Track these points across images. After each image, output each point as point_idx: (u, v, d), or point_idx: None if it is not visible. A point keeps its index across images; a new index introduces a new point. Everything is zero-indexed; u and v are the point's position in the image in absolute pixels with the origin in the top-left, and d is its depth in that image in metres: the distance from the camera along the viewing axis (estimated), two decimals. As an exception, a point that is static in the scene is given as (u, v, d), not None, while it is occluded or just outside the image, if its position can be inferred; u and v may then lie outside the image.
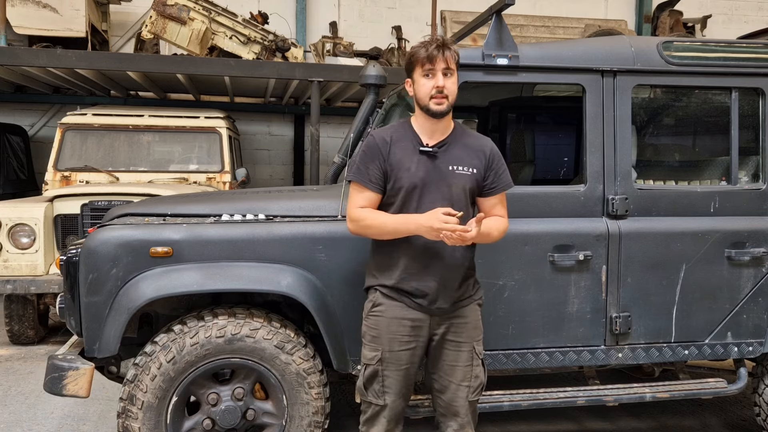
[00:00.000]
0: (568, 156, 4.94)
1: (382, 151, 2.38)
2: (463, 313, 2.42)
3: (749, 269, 3.11)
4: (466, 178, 2.37)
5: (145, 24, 7.21)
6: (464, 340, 2.42)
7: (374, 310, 2.42)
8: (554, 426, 3.85)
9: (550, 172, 4.95)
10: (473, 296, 2.46)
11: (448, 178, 2.35)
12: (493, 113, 4.80)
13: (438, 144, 2.38)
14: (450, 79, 2.32)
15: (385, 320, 2.39)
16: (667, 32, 9.81)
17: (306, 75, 6.74)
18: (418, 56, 2.31)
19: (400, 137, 2.41)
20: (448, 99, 2.32)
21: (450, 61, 2.31)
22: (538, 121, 4.97)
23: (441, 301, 2.37)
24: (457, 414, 2.43)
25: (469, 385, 2.42)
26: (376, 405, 2.42)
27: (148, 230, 2.73)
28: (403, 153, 2.36)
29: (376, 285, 2.44)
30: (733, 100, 3.11)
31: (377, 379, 2.40)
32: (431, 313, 2.39)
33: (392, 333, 2.38)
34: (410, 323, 2.38)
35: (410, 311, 2.38)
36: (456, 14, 9.50)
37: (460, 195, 2.36)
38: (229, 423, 2.73)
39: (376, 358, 2.39)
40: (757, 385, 3.32)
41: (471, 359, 2.42)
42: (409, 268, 2.36)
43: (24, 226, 4.99)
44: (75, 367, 2.68)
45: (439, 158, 2.37)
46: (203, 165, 6.23)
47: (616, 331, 2.99)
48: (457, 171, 2.36)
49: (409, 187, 2.34)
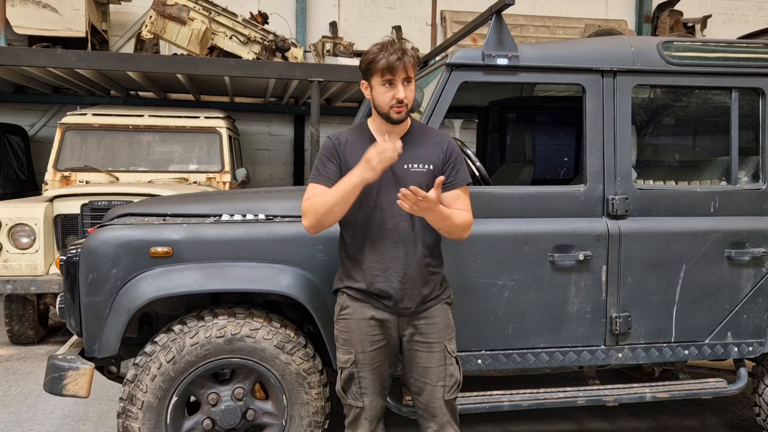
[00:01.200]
0: (568, 156, 4.94)
1: (338, 152, 2.39)
2: (432, 313, 2.42)
3: (749, 269, 3.11)
4: (422, 176, 2.36)
5: (145, 24, 7.21)
6: (435, 340, 2.41)
7: (342, 313, 2.43)
8: (554, 426, 3.85)
9: (550, 172, 4.96)
10: (440, 296, 2.45)
11: (404, 177, 2.34)
12: (493, 113, 4.81)
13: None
14: (410, 87, 2.31)
15: (355, 322, 2.39)
16: (667, 32, 9.81)
17: (306, 75, 6.74)
18: (377, 65, 2.27)
19: (356, 139, 2.42)
20: (407, 106, 2.32)
21: (409, 69, 2.28)
22: (538, 121, 4.98)
23: (406, 302, 2.37)
24: (435, 415, 2.43)
25: (444, 384, 2.41)
26: (356, 407, 2.44)
27: (148, 230, 2.73)
28: (358, 154, 2.33)
29: (342, 288, 2.45)
30: (733, 100, 3.11)
31: (354, 381, 2.42)
32: (398, 314, 2.39)
33: (363, 334, 2.38)
34: (377, 323, 2.39)
35: (377, 311, 2.38)
36: (456, 14, 9.50)
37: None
38: (229, 423, 2.73)
39: (350, 360, 2.40)
40: (757, 385, 3.32)
41: (444, 359, 2.41)
42: (373, 269, 2.36)
43: (24, 226, 4.99)
44: (75, 367, 2.68)
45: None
46: (203, 165, 6.23)
47: (616, 331, 2.99)
48: (413, 169, 2.36)
49: (365, 187, 2.31)
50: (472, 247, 2.84)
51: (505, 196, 2.93)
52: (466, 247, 2.82)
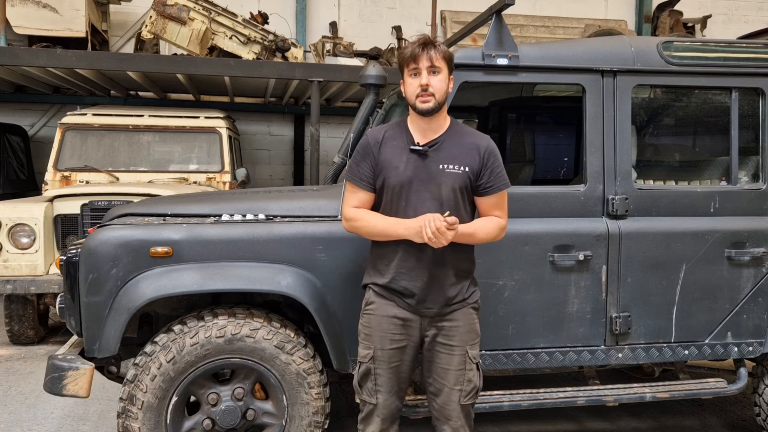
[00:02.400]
0: (568, 156, 4.94)
1: (373, 150, 2.40)
2: (456, 316, 2.40)
3: (749, 269, 3.11)
4: (455, 177, 2.34)
5: (145, 24, 7.21)
6: (456, 343, 2.39)
7: (367, 308, 2.44)
8: (554, 426, 3.85)
9: (550, 172, 4.95)
10: (467, 299, 2.42)
11: (438, 177, 2.34)
12: (493, 113, 4.80)
13: (430, 143, 2.37)
14: (436, 77, 2.30)
15: (377, 318, 2.40)
16: (667, 32, 9.81)
17: (306, 75, 6.74)
18: (404, 56, 2.32)
19: (393, 135, 2.41)
20: (435, 97, 2.30)
21: (435, 58, 2.29)
22: (538, 121, 4.97)
23: (429, 302, 2.36)
24: (449, 418, 2.42)
25: (462, 389, 2.40)
26: (370, 403, 2.44)
27: (148, 230, 2.73)
28: (392, 152, 2.37)
29: (370, 283, 2.46)
30: (733, 100, 3.11)
31: (370, 378, 2.42)
32: (420, 314, 2.38)
33: (383, 331, 2.39)
34: (400, 322, 2.39)
35: (400, 310, 2.38)
36: (456, 14, 9.50)
37: (449, 194, 2.34)
38: (229, 423, 2.73)
39: (369, 356, 2.41)
40: (757, 385, 3.32)
41: (464, 363, 2.40)
42: (400, 267, 2.36)
43: (24, 226, 4.99)
44: (75, 367, 2.69)
45: (430, 157, 2.35)
46: (203, 165, 6.23)
47: (616, 331, 2.99)
48: (447, 170, 2.34)
49: (396, 185, 2.34)
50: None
51: (505, 196, 2.92)
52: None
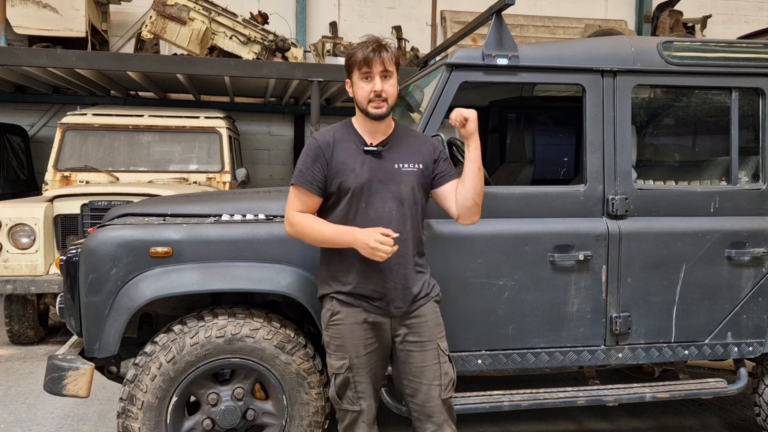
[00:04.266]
0: (568, 156, 4.93)
1: (325, 154, 2.36)
2: (422, 311, 2.41)
3: (749, 269, 3.11)
4: (413, 176, 2.37)
5: (145, 24, 7.21)
6: (427, 338, 2.40)
7: (333, 319, 2.40)
8: (554, 426, 3.85)
9: (550, 172, 4.95)
10: (429, 294, 2.44)
11: (396, 177, 2.35)
12: (493, 113, 4.80)
13: (381, 143, 2.39)
14: (389, 82, 2.30)
15: (347, 327, 2.37)
16: (667, 32, 9.81)
17: (306, 75, 6.74)
18: (355, 59, 2.29)
19: (342, 137, 2.40)
20: (388, 102, 2.31)
21: (388, 62, 2.28)
22: (538, 121, 4.97)
23: (398, 302, 2.37)
24: (431, 415, 2.40)
25: (440, 383, 2.40)
26: (353, 412, 2.40)
27: (148, 230, 2.73)
28: (347, 154, 2.35)
29: (331, 293, 2.42)
30: (733, 100, 3.11)
31: (350, 387, 2.39)
32: (390, 315, 2.38)
33: (356, 339, 2.37)
34: (371, 326, 2.38)
35: (369, 314, 2.37)
36: (456, 14, 9.50)
37: (409, 193, 2.36)
38: (229, 423, 2.73)
39: (345, 366, 2.37)
40: (757, 385, 3.32)
41: (437, 357, 2.40)
42: (365, 271, 2.35)
43: (24, 226, 4.99)
44: (75, 367, 2.68)
45: (385, 157, 2.36)
46: (203, 165, 6.23)
47: (616, 331, 2.99)
48: (404, 168, 2.36)
49: (356, 188, 2.33)
50: (471, 247, 2.84)
51: (505, 196, 2.92)
52: (466, 246, 2.82)
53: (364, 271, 2.35)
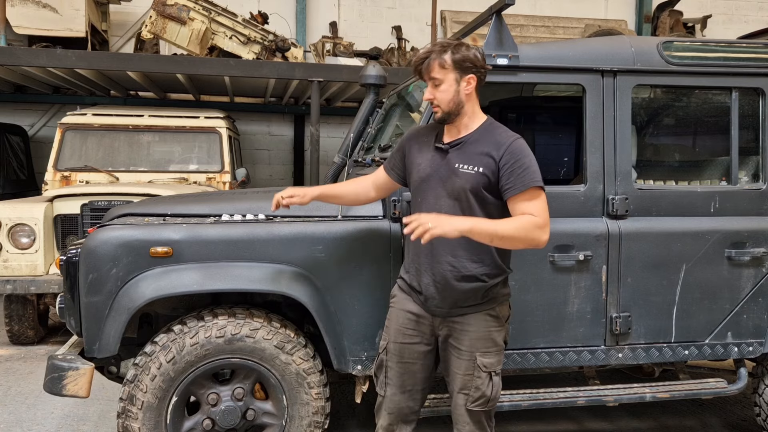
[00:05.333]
0: (568, 156, 4.93)
1: (405, 146, 2.53)
2: (467, 320, 2.36)
3: (749, 269, 3.11)
4: (468, 178, 2.32)
5: (145, 24, 7.21)
6: (465, 348, 2.36)
7: (391, 301, 2.53)
8: (554, 426, 3.85)
9: (550, 172, 4.95)
10: (482, 304, 2.35)
11: (452, 176, 2.35)
12: (493, 113, 4.80)
13: (453, 142, 2.39)
14: (439, 89, 2.33)
15: (395, 311, 2.48)
16: (667, 32, 9.81)
17: (306, 75, 6.74)
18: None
19: (426, 133, 2.51)
20: (441, 107, 2.34)
21: (434, 70, 2.31)
22: (538, 121, 4.97)
23: (437, 301, 2.36)
24: (457, 421, 2.42)
25: (468, 394, 2.36)
26: (380, 395, 2.51)
27: (148, 230, 2.73)
28: (419, 149, 2.47)
29: (399, 275, 2.55)
30: (733, 100, 3.11)
31: (382, 369, 2.49)
32: (431, 312, 2.40)
33: (399, 324, 2.45)
34: (414, 317, 2.43)
35: (414, 305, 2.44)
36: (456, 14, 9.50)
37: (460, 195, 2.33)
38: (229, 423, 2.73)
39: (384, 347, 2.49)
40: (757, 385, 3.32)
41: (472, 369, 2.34)
42: (414, 264, 2.43)
43: (24, 226, 4.98)
44: (75, 367, 2.68)
45: (450, 155, 2.38)
46: (203, 165, 6.23)
47: (616, 331, 2.99)
48: (461, 170, 2.34)
49: (416, 182, 2.44)
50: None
51: (505, 196, 2.92)
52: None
53: (414, 263, 2.43)
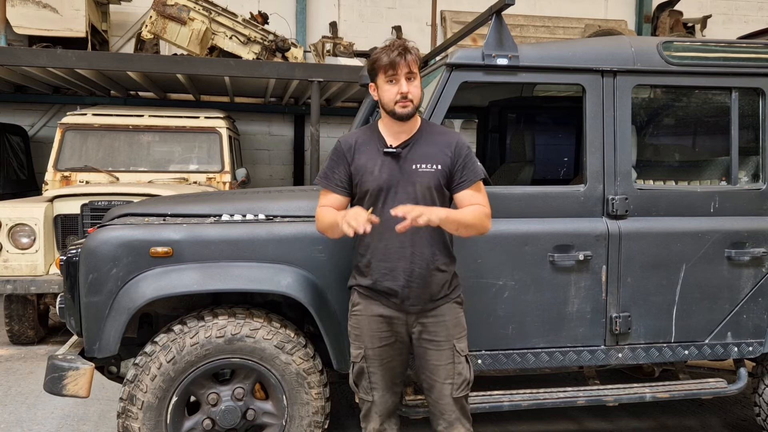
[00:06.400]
0: (568, 156, 4.94)
1: (347, 156, 2.45)
2: (440, 311, 2.44)
3: (749, 269, 3.11)
4: (429, 176, 2.38)
5: (145, 24, 7.21)
6: (443, 339, 2.43)
7: (354, 310, 2.50)
8: (554, 426, 3.85)
9: (550, 172, 4.95)
10: (449, 295, 2.47)
11: (412, 177, 2.38)
12: (493, 113, 4.81)
13: (402, 144, 2.41)
14: (413, 83, 2.36)
15: (364, 318, 2.46)
16: (667, 32, 9.81)
17: (306, 75, 6.74)
18: (381, 63, 2.35)
19: (365, 141, 2.47)
20: (413, 102, 2.36)
21: (412, 65, 2.35)
22: (538, 121, 4.98)
23: (413, 300, 2.40)
24: (443, 412, 2.47)
25: (453, 382, 2.44)
26: (367, 401, 2.52)
27: (148, 230, 2.73)
28: (367, 157, 2.42)
29: (354, 285, 2.51)
30: (733, 100, 3.11)
31: (364, 376, 2.49)
32: (405, 311, 2.43)
33: (372, 330, 2.45)
34: (386, 319, 2.44)
35: (385, 308, 2.44)
36: (456, 14, 9.50)
37: (425, 193, 2.38)
38: (229, 423, 2.73)
39: (360, 355, 2.48)
40: (757, 385, 3.32)
41: (452, 357, 2.44)
42: (381, 267, 2.41)
43: (24, 226, 4.99)
44: (75, 367, 2.69)
45: (403, 158, 2.40)
46: (203, 165, 6.23)
47: (616, 331, 2.99)
48: (420, 169, 2.38)
49: (374, 190, 2.39)
50: (472, 247, 2.84)
51: (505, 196, 2.93)
52: (466, 247, 2.82)
53: (381, 267, 2.40)
